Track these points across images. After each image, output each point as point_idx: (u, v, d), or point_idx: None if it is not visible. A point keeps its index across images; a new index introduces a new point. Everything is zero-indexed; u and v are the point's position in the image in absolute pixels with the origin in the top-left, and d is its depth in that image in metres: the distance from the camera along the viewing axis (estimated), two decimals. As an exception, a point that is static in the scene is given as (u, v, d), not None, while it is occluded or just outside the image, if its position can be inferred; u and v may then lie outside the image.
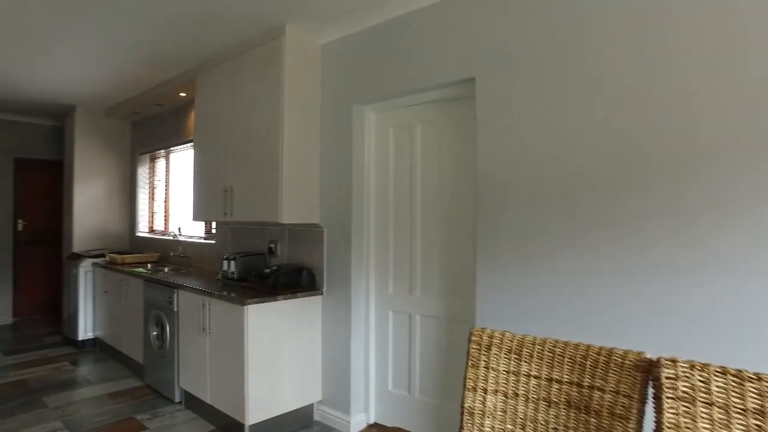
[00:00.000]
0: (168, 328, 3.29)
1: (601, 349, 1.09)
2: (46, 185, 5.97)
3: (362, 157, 2.90)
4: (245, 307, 2.62)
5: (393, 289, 2.83)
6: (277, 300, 2.76)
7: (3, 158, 5.57)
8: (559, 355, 1.11)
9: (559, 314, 1.97)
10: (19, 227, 5.81)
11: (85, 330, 4.55)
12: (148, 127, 5.21)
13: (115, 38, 3.12)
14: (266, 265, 3.40)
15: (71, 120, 5.16)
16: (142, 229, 5.41)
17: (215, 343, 2.85)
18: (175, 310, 3.22)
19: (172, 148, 4.89)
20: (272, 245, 3.40)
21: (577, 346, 1.11)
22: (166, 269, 4.20)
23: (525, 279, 2.08)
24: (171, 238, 4.71)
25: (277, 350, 2.77)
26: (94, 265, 4.58)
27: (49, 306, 5.95)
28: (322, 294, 3.00)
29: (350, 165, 2.86)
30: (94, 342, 4.61)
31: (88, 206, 5.18)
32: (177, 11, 2.69)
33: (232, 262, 3.32)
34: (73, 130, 5.10)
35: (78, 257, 4.70)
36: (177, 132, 4.70)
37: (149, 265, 4.44)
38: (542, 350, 1.14)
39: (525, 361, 1.15)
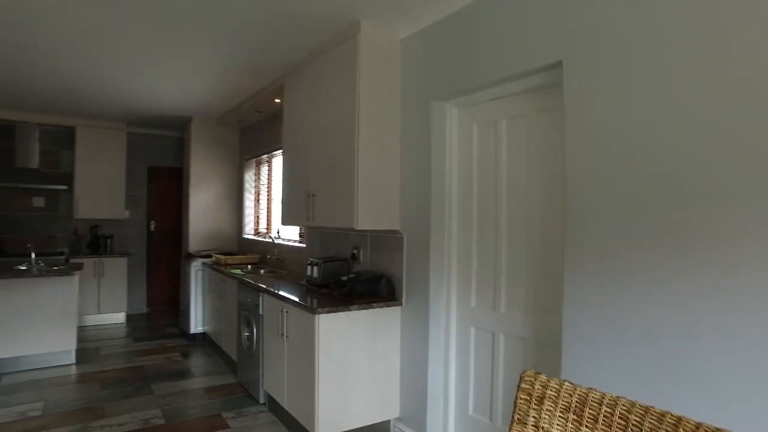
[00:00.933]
0: (255, 329, 3.46)
1: (699, 427, 0.79)
2: (173, 190, 6.76)
3: (443, 157, 2.72)
4: (316, 315, 2.60)
5: (476, 303, 2.60)
6: (350, 310, 2.70)
7: (139, 167, 6.44)
8: (635, 425, 0.84)
9: (657, 350, 1.58)
10: (152, 228, 6.67)
11: (195, 324, 5.03)
12: (253, 133, 5.60)
13: (212, 53, 3.36)
14: (349, 271, 3.39)
15: (188, 130, 5.76)
16: (248, 232, 5.83)
17: (292, 349, 2.89)
18: (261, 313, 3.36)
19: (273, 153, 5.18)
20: (355, 251, 3.37)
21: (662, 416, 0.82)
22: (261, 271, 4.44)
23: (618, 302, 1.72)
24: (269, 240, 4.99)
25: (350, 361, 2.71)
26: (203, 264, 5.04)
27: (174, 299, 6.74)
28: (401, 305, 2.88)
29: (429, 166, 2.70)
30: (204, 336, 5.08)
31: (202, 209, 5.73)
32: (257, 18, 2.78)
33: (315, 268, 3.36)
34: (190, 138, 5.69)
35: (191, 257, 5.22)
36: (276, 137, 4.96)
37: (249, 267, 4.74)
38: (612, 414, 0.87)
39: (587, 426, 0.89)
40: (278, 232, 5.00)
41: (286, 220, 3.73)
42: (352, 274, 3.02)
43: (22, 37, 3.14)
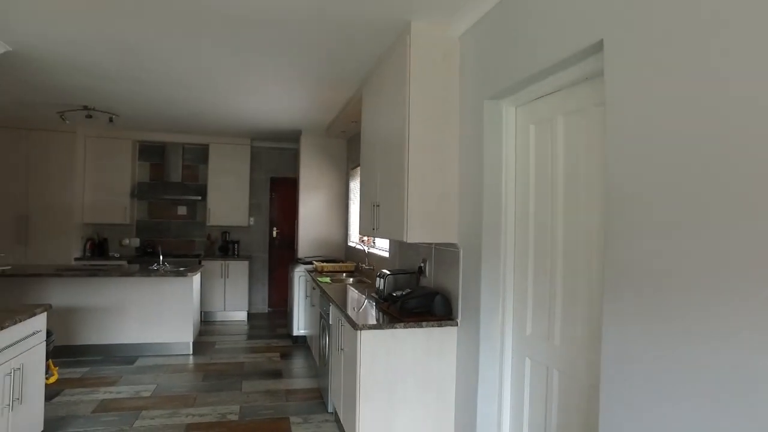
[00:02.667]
0: (327, 338, 3.59)
1: None
2: (292, 199, 7.41)
3: (498, 163, 2.49)
4: (358, 331, 2.60)
5: (531, 330, 2.31)
6: (395, 328, 2.63)
7: (262, 178, 7.22)
8: None
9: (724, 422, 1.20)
10: (274, 234, 7.41)
11: (297, 327, 5.43)
12: (357, 143, 5.83)
13: (299, 73, 3.72)
14: (417, 284, 3.32)
15: (299, 142, 6.27)
16: (354, 240, 6.10)
17: (346, 362, 2.94)
18: (330, 322, 3.48)
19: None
20: (422, 264, 3.29)
21: None
22: (350, 280, 4.61)
23: (671, 344, 1.36)
24: (363, 249, 5.15)
25: (397, 383, 2.64)
26: (306, 270, 5.42)
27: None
28: (456, 325, 2.72)
29: (480, 174, 2.50)
30: (305, 339, 5.45)
31: (311, 217, 6.17)
32: (324, 36, 2.93)
33: (382, 280, 3.36)
34: (300, 150, 6.18)
35: (297, 262, 5.66)
36: (369, 146, 5.11)
37: (343, 275, 4.96)
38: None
39: None
40: (374, 241, 5.12)
41: (361, 230, 3.82)
42: (408, 289, 2.95)
43: (172, 82, 4.01)
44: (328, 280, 4.50)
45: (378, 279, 3.44)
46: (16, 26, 2.94)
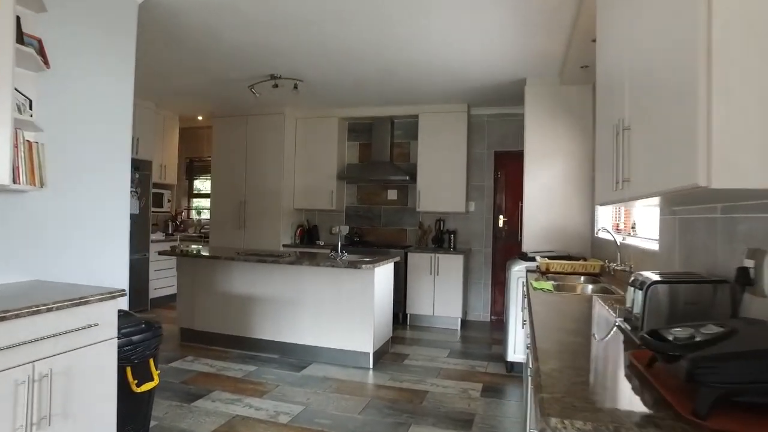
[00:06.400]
0: (527, 383, 1.98)
1: None
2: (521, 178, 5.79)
3: None
4: (546, 418, 0.98)
5: None
6: (666, 437, 0.89)
7: (484, 154, 5.80)
8: None
9: None
10: (500, 223, 5.93)
11: (513, 349, 3.84)
12: (606, 83, 3.88)
13: None
14: (734, 311, 1.43)
15: (522, 97, 4.63)
16: (603, 227, 4.12)
17: None
18: (530, 363, 1.87)
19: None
20: (750, 262, 1.37)
21: None
22: (589, 288, 2.84)
23: None
24: (615, 240, 3.21)
25: None
26: (527, 270, 3.79)
27: (522, 311, 5.72)
28: None
29: None
30: (523, 368, 3.82)
31: (540, 197, 4.48)
32: None
33: (639, 293, 1.58)
34: (525, 107, 4.55)
35: (519, 258, 4.09)
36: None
37: (581, 279, 3.21)
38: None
39: None
40: (633, 226, 3.17)
41: (598, 197, 2.06)
42: (713, 326, 1.12)
43: (352, 20, 3.10)
44: (549, 286, 2.82)
45: (630, 290, 1.67)
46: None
